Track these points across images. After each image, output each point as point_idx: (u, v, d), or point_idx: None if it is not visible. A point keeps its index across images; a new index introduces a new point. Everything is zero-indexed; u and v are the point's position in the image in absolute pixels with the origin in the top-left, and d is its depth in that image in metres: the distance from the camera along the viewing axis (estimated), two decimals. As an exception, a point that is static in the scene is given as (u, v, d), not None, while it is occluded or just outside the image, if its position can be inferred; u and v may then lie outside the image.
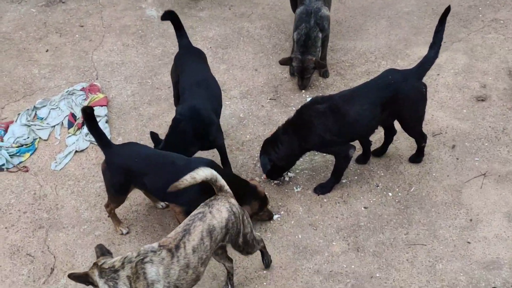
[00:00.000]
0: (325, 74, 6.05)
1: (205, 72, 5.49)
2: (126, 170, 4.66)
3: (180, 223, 4.41)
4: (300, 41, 5.81)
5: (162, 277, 3.67)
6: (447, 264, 4.54)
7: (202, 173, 3.93)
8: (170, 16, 5.51)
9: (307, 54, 5.79)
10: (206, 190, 4.53)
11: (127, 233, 4.99)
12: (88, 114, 4.55)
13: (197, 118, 5.03)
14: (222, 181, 4.06)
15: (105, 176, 4.78)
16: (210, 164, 4.66)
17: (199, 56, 5.61)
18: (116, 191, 4.79)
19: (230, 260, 4.42)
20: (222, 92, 5.91)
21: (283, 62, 6.01)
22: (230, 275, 4.49)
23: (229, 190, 4.09)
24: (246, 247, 4.28)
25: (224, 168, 5.01)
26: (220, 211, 3.92)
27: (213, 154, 5.39)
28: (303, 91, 6.02)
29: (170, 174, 4.51)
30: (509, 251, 4.57)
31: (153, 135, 5.20)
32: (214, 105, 5.26)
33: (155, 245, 3.77)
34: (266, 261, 4.59)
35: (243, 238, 4.17)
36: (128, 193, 4.87)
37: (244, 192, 4.72)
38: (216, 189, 4.04)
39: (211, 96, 5.25)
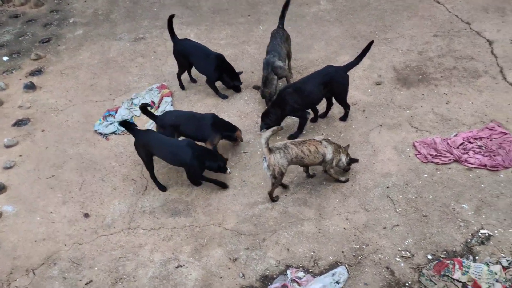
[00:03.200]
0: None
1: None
2: (170, 125, 4.74)
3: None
4: (263, 80, 5.34)
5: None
6: (362, 175, 4.55)
7: (268, 133, 3.98)
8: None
9: (266, 88, 5.33)
10: (215, 131, 4.66)
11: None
12: (143, 107, 4.68)
13: None
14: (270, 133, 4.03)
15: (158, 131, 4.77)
16: (215, 116, 4.75)
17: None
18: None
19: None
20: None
21: (255, 87, 5.59)
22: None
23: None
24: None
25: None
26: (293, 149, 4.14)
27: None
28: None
29: (194, 123, 4.70)
30: (395, 167, 4.57)
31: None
32: None
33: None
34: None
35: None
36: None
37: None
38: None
39: None
